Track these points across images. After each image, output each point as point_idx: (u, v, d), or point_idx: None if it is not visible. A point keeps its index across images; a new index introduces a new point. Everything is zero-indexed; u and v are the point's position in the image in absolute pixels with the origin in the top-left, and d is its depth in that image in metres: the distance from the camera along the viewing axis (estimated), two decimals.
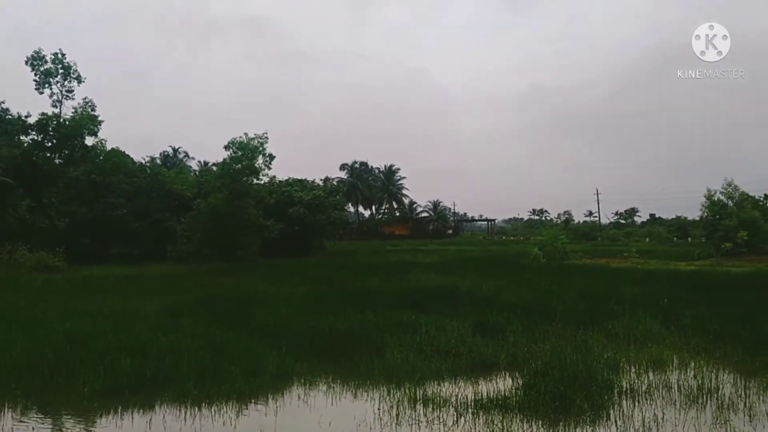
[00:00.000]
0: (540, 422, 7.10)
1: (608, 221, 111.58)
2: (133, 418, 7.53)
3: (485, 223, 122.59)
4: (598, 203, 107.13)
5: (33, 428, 7.26)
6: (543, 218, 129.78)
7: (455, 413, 7.46)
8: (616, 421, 7.12)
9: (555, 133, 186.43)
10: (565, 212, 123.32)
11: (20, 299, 16.13)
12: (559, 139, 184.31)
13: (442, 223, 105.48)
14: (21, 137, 36.96)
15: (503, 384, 8.70)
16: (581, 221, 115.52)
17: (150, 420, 7.40)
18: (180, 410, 7.70)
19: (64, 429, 7.47)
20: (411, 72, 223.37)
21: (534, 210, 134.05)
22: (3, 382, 8.50)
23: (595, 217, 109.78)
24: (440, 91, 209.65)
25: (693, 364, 9.49)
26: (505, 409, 7.44)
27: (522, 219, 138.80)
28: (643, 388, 8.28)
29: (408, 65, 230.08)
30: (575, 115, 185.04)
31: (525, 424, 7.06)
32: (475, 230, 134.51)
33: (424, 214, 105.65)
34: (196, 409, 7.72)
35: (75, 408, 7.94)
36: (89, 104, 37.84)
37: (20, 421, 7.47)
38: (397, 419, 7.33)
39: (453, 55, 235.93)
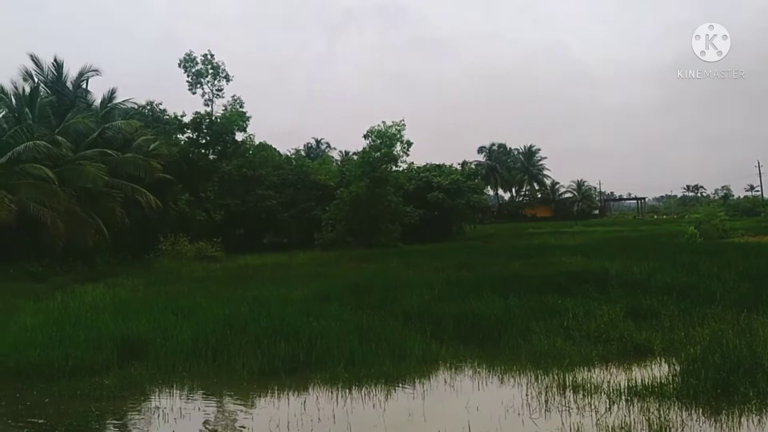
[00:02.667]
0: (700, 411, 6.69)
1: None
2: (288, 399, 7.92)
3: (634, 201, 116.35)
4: (760, 176, 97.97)
5: (198, 408, 7.85)
6: (698, 194, 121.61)
7: (607, 400, 7.19)
8: None
9: (708, 103, 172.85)
10: (723, 187, 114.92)
11: (183, 287, 17.39)
12: (713, 108, 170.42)
13: (587, 203, 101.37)
14: (178, 136, 39.92)
15: (659, 370, 8.28)
16: (741, 196, 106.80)
17: (304, 401, 7.74)
18: (332, 392, 8.00)
19: (225, 408, 8.03)
20: (547, 48, 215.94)
21: (688, 186, 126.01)
22: (171, 364, 9.25)
23: (757, 191, 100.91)
24: (579, 66, 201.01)
25: None
26: (662, 397, 7.07)
27: (675, 196, 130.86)
28: None
29: (543, 41, 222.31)
30: (729, 83, 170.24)
31: (684, 412, 6.68)
32: (623, 210, 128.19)
33: (568, 195, 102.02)
34: (347, 391, 7.99)
35: (235, 388, 8.51)
36: (237, 101, 40.18)
37: (187, 401, 8.11)
38: (546, 405, 7.18)
39: (592, 27, 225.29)
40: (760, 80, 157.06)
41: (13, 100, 27.84)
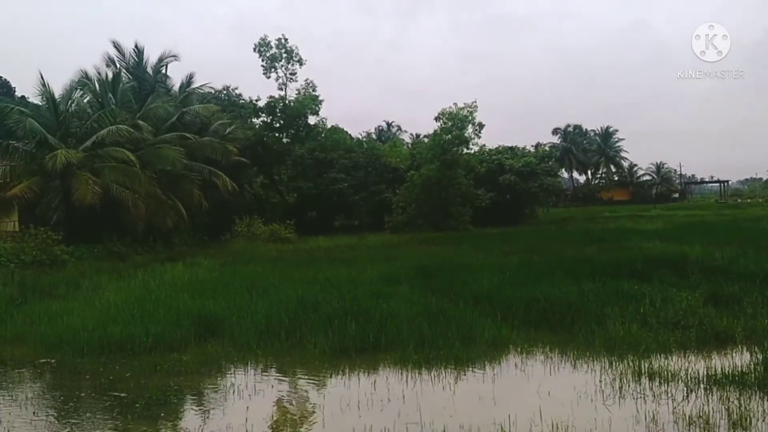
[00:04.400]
0: None
1: None
2: (359, 378, 8.03)
3: (717, 185, 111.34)
4: None
5: (272, 385, 8.07)
6: None
7: (685, 388, 6.98)
8: None
9: None
10: None
11: (258, 267, 17.81)
12: None
13: (666, 186, 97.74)
14: (253, 119, 40.79)
15: (740, 359, 7.98)
16: None
17: (375, 381, 7.83)
18: (401, 373, 8.06)
19: (298, 386, 8.23)
20: (627, 26, 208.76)
21: None
22: (246, 342, 9.54)
23: None
24: (661, 44, 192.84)
25: None
26: (743, 386, 6.82)
27: (761, 179, 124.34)
28: None
29: (625, 20, 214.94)
30: None
31: (766, 402, 6.41)
32: (705, 193, 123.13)
33: (646, 178, 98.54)
34: (417, 372, 8.03)
35: (307, 367, 8.70)
36: (310, 85, 40.63)
37: (261, 378, 8.34)
38: (620, 392, 7.02)
39: (676, 3, 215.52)
40: None
41: (97, 85, 29.03)
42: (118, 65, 32.98)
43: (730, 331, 8.98)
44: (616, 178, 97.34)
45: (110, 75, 30.16)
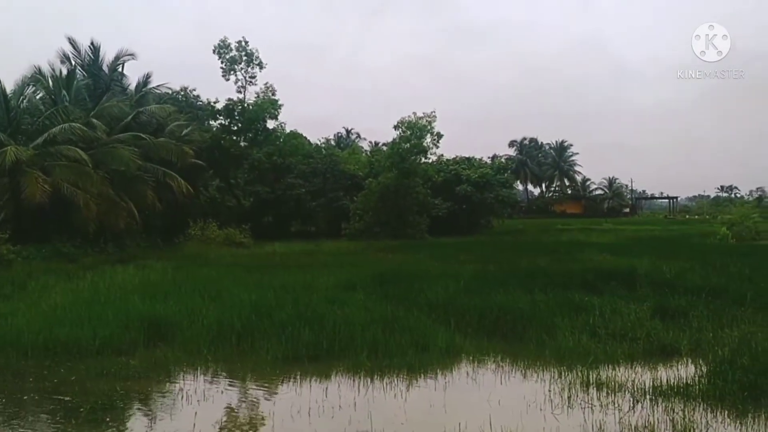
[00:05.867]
0: (726, 412, 6.62)
1: None
2: (311, 385, 7.98)
3: (666, 201, 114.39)
4: None
5: (222, 391, 7.95)
6: (732, 195, 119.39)
7: (631, 399, 7.14)
8: None
9: (746, 102, 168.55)
10: (758, 188, 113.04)
11: (211, 272, 17.56)
12: (751, 107, 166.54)
13: (618, 201, 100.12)
14: (210, 122, 40.33)
15: (685, 371, 8.19)
16: None
17: (326, 388, 7.79)
18: (354, 380, 8.05)
19: (249, 392, 8.12)
20: (584, 42, 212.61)
21: (722, 186, 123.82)
22: (197, 347, 9.40)
23: None
24: (616, 61, 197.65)
25: None
26: (687, 397, 7.02)
27: (708, 196, 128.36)
28: None
29: (582, 34, 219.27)
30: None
31: (709, 413, 6.62)
32: (655, 209, 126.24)
33: (599, 192, 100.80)
34: (369, 380, 8.03)
35: (259, 373, 8.61)
36: (270, 89, 40.35)
37: (211, 384, 8.21)
38: (568, 402, 7.14)
39: (630, 21, 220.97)
40: None
41: (51, 82, 28.21)
42: (73, 62, 32.13)
43: (676, 344, 9.22)
44: (570, 192, 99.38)
45: (65, 72, 29.41)
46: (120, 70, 34.85)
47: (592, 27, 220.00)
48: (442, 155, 45.33)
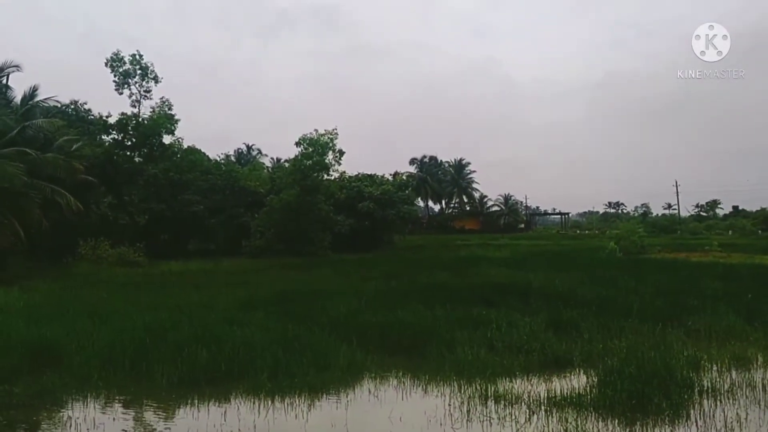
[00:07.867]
0: (616, 421, 6.92)
1: (688, 214, 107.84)
2: (209, 409, 7.73)
3: (558, 216, 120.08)
4: (678, 195, 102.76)
5: (114, 418, 7.56)
6: (619, 211, 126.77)
7: (527, 411, 7.33)
8: (696, 421, 6.86)
9: (632, 123, 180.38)
10: (642, 205, 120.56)
11: (102, 292, 16.76)
12: (637, 128, 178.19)
13: (513, 217, 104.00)
14: (102, 137, 38.55)
15: (577, 381, 8.50)
16: (660, 214, 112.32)
17: (225, 412, 7.57)
18: (254, 402, 7.85)
19: (143, 419, 7.75)
20: (480, 62, 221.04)
21: (610, 203, 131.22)
22: (87, 372, 8.89)
23: (675, 209, 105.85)
24: (510, 81, 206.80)
25: None
26: (580, 407, 7.27)
27: (597, 212, 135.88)
28: (726, 387, 7.97)
29: (477, 55, 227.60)
30: (653, 103, 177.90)
31: (600, 422, 6.88)
32: (548, 224, 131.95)
33: (495, 208, 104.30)
34: (270, 401, 7.86)
35: (154, 398, 8.24)
36: (166, 104, 39.08)
37: (103, 411, 7.79)
38: (468, 415, 7.26)
39: (523, 43, 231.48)
40: (685, 102, 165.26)
41: None
42: None
43: (569, 355, 9.58)
44: (468, 208, 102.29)
45: None
46: (5, 81, 32.84)
47: (485, 49, 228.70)
48: (344, 172, 45.44)
